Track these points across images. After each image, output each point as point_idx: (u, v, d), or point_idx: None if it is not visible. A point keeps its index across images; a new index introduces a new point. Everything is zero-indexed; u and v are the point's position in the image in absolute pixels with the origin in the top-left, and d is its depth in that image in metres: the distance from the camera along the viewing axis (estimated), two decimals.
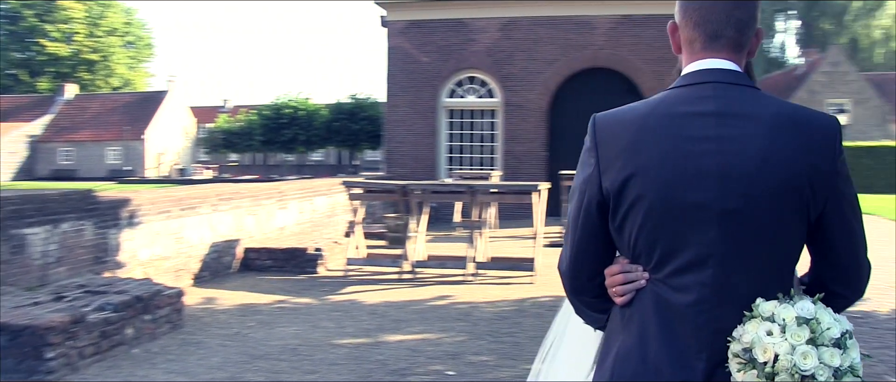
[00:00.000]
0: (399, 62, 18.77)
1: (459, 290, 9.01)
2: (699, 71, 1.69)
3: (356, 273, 10.05)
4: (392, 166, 18.80)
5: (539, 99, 18.38)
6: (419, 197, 10.02)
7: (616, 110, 1.75)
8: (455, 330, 7.00)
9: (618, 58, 17.99)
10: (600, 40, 18.01)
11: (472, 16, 18.39)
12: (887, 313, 7.87)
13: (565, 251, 1.78)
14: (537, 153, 18.40)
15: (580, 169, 1.74)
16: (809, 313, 1.47)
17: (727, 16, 1.68)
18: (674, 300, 1.59)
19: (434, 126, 18.81)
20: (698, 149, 1.59)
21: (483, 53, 18.50)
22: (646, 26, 17.74)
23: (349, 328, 7.07)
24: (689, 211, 1.58)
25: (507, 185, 11.92)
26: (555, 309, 7.67)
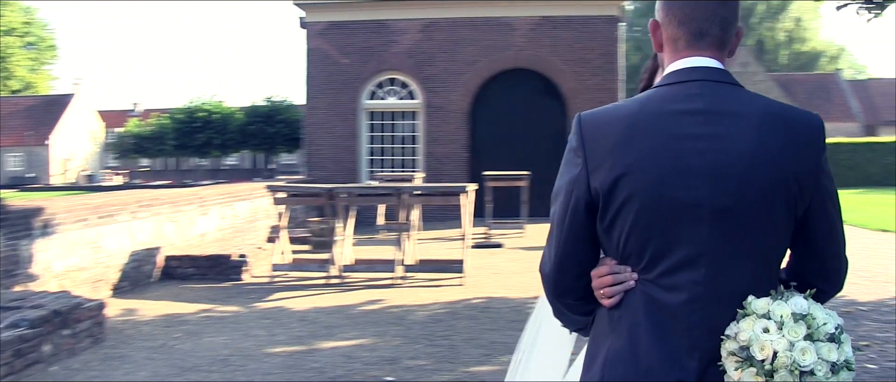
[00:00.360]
0: (319, 64, 18.51)
1: (389, 293, 8.91)
2: (686, 69, 1.67)
3: (282, 279, 9.84)
4: (312, 170, 18.53)
5: (460, 100, 18.40)
6: (346, 200, 9.87)
7: (602, 109, 1.72)
8: (389, 335, 6.90)
9: (538, 59, 18.15)
10: (521, 41, 18.14)
11: (392, 17, 18.29)
12: None
13: (549, 253, 1.74)
14: (459, 155, 18.42)
15: (565, 169, 1.70)
16: (803, 309, 1.47)
17: (712, 14, 1.67)
18: (665, 299, 1.57)
19: (355, 128, 18.62)
20: (690, 147, 1.57)
21: (404, 54, 18.41)
22: (565, 28, 17.98)
23: (281, 336, 6.90)
24: (681, 210, 1.56)
25: (435, 187, 11.88)
26: (487, 311, 7.73)
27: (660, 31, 1.76)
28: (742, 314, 1.50)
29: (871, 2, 9.75)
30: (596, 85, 18.01)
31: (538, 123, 18.41)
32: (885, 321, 7.27)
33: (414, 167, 18.54)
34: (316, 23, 18.46)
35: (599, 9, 17.98)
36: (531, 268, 10.75)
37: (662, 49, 1.76)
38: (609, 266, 1.66)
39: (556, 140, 18.20)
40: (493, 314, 7.72)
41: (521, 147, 18.04)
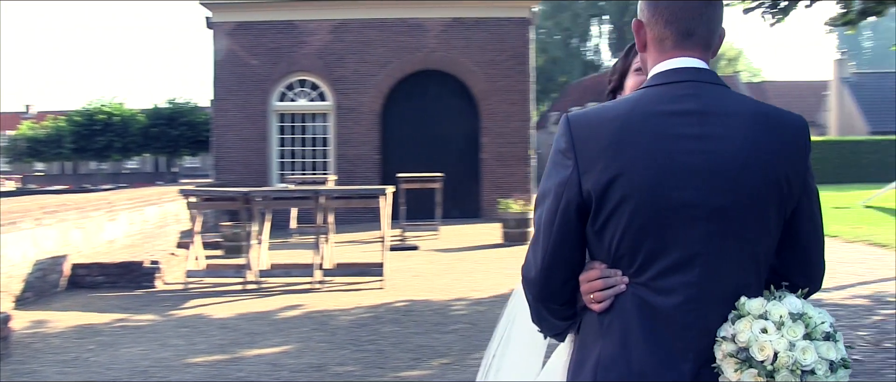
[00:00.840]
0: (227, 65, 18.10)
1: (309, 298, 8.79)
2: (674, 69, 1.67)
3: (197, 286, 9.57)
4: (221, 173, 18.10)
5: (371, 102, 18.31)
6: (262, 204, 9.68)
7: (591, 110, 1.69)
8: (314, 340, 6.80)
9: (449, 60, 18.23)
10: (432, 43, 18.19)
11: (301, 18, 18.05)
12: None
13: (534, 257, 1.70)
14: (370, 157, 18.33)
15: (553, 171, 1.66)
16: (799, 308, 1.50)
17: (699, 14, 1.67)
18: (658, 302, 1.56)
19: (264, 131, 18.30)
20: (684, 147, 1.57)
21: (314, 55, 18.20)
22: (476, 29, 18.12)
23: (201, 345, 6.71)
24: (676, 211, 1.56)
25: (353, 189, 11.77)
26: (411, 315, 7.70)
27: (644, 30, 1.74)
28: (736, 316, 1.51)
29: (776, 6, 10.15)
30: (507, 87, 18.24)
31: (450, 124, 18.51)
32: None
33: (325, 170, 18.35)
34: (223, 23, 18.05)
35: (510, 11, 18.20)
36: (450, 270, 10.82)
37: (646, 49, 1.76)
38: (599, 270, 1.64)
39: (468, 141, 18.38)
40: (416, 318, 7.69)
41: (433, 149, 18.11)
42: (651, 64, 1.73)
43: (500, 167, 18.38)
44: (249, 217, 9.82)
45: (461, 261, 11.79)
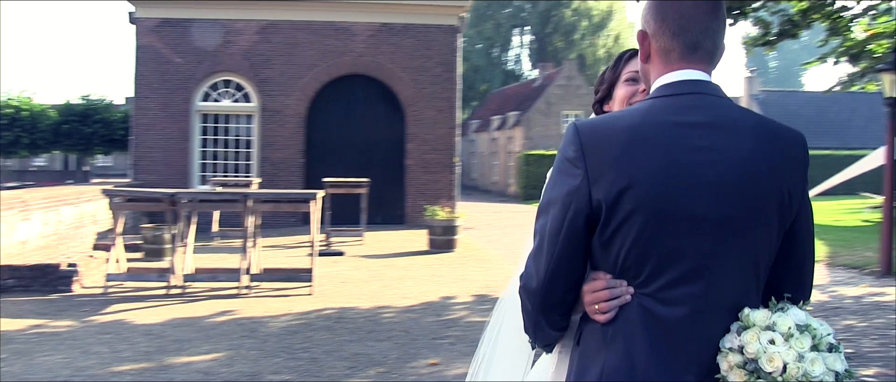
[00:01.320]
0: (149, 62, 17.59)
1: (236, 304, 8.59)
2: (681, 81, 1.68)
3: (118, 290, 9.24)
4: (140, 173, 17.56)
5: (297, 105, 18.08)
6: (188, 206, 9.42)
7: (599, 119, 1.69)
8: (245, 348, 6.63)
9: (377, 65, 18.16)
10: (360, 47, 18.08)
11: (229, 17, 17.70)
12: None
13: (536, 267, 1.67)
14: (295, 160, 18.10)
15: (560, 180, 1.64)
16: (803, 320, 1.51)
17: (705, 28, 1.69)
18: (664, 313, 1.56)
19: (187, 131, 17.85)
20: (694, 159, 1.57)
21: (240, 55, 17.87)
22: (404, 35, 18.11)
23: (126, 353, 6.46)
24: (685, 222, 1.56)
25: (283, 193, 11.60)
26: (342, 322, 7.59)
27: (649, 41, 1.74)
28: (742, 327, 1.52)
29: None
30: (434, 93, 18.27)
31: (375, 129, 18.43)
32: None
33: (248, 172, 18.03)
34: (147, 19, 17.55)
35: (439, 18, 18.25)
36: (377, 277, 10.74)
37: (648, 60, 1.75)
38: (605, 281, 1.62)
39: (394, 147, 18.32)
40: (349, 325, 7.60)
41: (358, 154, 18.01)
42: (655, 75, 1.73)
43: (424, 174, 18.39)
44: (174, 219, 9.54)
45: (388, 268, 11.72)
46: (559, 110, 41.30)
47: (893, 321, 8.06)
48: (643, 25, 1.75)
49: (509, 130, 42.50)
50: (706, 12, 1.69)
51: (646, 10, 1.75)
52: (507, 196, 39.07)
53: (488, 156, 46.13)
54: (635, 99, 2.05)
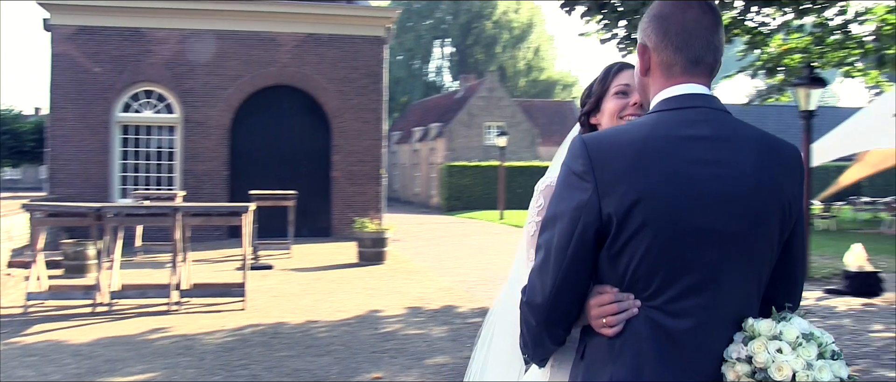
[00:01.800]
0: (66, 72, 16.96)
1: (168, 321, 8.36)
2: (685, 95, 1.70)
3: (40, 309, 8.89)
4: (57, 187, 16.91)
5: (221, 116, 17.75)
6: (115, 220, 9.14)
7: (606, 133, 1.70)
8: (181, 366, 6.47)
9: (302, 76, 17.99)
10: (285, 58, 17.89)
11: (150, 25, 17.25)
12: None
13: (542, 281, 1.67)
14: (219, 172, 17.76)
15: (567, 193, 1.64)
16: (807, 329, 1.57)
17: (707, 42, 1.72)
18: (672, 325, 1.57)
19: (106, 142, 17.29)
20: (702, 172, 1.59)
21: (161, 65, 17.43)
22: (330, 45, 18.01)
23: (54, 375, 6.22)
24: (694, 235, 1.57)
25: (214, 206, 11.33)
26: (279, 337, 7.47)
27: (649, 54, 1.76)
28: (747, 337, 1.56)
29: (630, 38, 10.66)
30: (360, 104, 18.21)
31: (301, 141, 18.26)
32: None
33: (170, 185, 17.60)
34: (63, 26, 16.95)
35: (365, 29, 18.21)
36: (309, 290, 10.63)
37: (648, 73, 1.78)
38: (612, 294, 1.62)
39: (319, 159, 18.19)
40: (285, 340, 7.49)
41: (283, 165, 17.82)
42: (656, 88, 1.75)
43: (350, 186, 18.29)
44: (99, 234, 9.25)
45: (319, 281, 11.61)
46: (481, 122, 41.65)
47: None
48: (643, 39, 1.77)
49: (431, 141, 42.61)
50: (707, 27, 1.72)
51: (647, 24, 1.77)
52: (429, 207, 39.12)
53: (410, 167, 46.15)
54: (626, 112, 2.07)
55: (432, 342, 7.53)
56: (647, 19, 1.77)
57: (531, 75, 58.69)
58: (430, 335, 7.85)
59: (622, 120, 2.05)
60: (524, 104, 46.91)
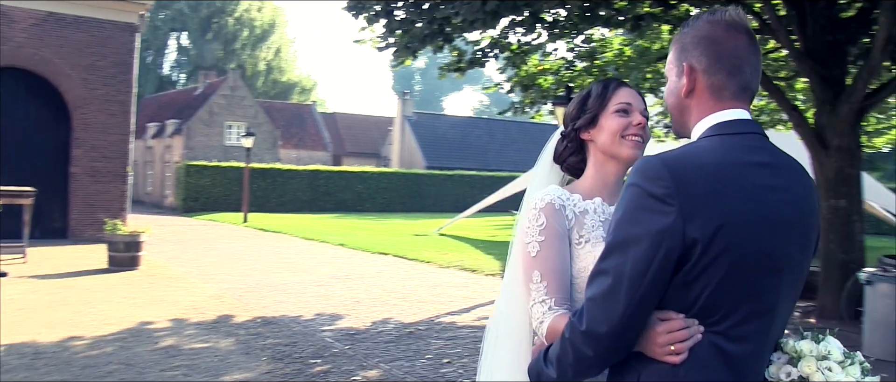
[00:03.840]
0: None
1: None
2: (739, 121, 1.70)
3: None
4: None
5: None
6: None
7: (681, 154, 1.63)
8: None
9: (41, 59, 16.18)
10: (20, 36, 15.96)
11: None
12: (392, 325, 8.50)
13: (608, 310, 1.57)
14: None
15: (643, 217, 1.57)
16: (841, 347, 1.64)
17: (755, 69, 1.73)
18: (732, 351, 1.57)
19: None
20: (772, 199, 1.60)
21: None
22: (75, 28, 16.39)
23: None
24: (763, 261, 1.58)
25: None
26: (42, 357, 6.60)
27: (697, 76, 1.73)
28: (794, 358, 1.61)
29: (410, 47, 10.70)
30: (107, 95, 16.77)
31: (36, 132, 16.46)
32: (446, 338, 7.99)
33: None
34: None
35: (117, 14, 16.77)
36: (62, 301, 9.57)
37: (691, 95, 1.75)
38: (681, 320, 1.58)
39: (56, 153, 16.50)
40: (51, 360, 6.59)
41: (12, 159, 15.86)
42: (703, 111, 1.74)
43: (93, 184, 16.77)
44: None
45: (71, 290, 10.42)
46: (222, 121, 40.20)
47: None
48: (689, 59, 1.74)
49: (167, 138, 40.42)
50: (754, 54, 1.74)
51: (693, 45, 1.74)
52: (163, 208, 37.07)
53: (143, 165, 43.41)
54: (629, 132, 2.05)
55: (223, 356, 7.01)
56: (694, 40, 1.75)
57: (271, 76, 57.70)
58: (219, 348, 7.31)
59: (625, 139, 2.05)
60: (265, 105, 46.03)
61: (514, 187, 23.59)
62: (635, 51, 12.09)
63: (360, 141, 53.56)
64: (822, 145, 8.10)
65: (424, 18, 10.02)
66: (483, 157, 47.36)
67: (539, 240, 1.96)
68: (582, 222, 2.00)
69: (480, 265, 15.01)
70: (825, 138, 8.00)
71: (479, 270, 14.29)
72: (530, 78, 13.78)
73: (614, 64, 12.64)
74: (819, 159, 8.23)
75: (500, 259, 16.14)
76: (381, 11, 10.41)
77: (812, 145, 8.26)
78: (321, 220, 28.67)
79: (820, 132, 8.14)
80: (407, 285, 12.07)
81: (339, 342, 7.72)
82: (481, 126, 51.79)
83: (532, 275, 1.95)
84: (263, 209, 32.46)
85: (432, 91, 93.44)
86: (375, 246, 18.17)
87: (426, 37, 10.42)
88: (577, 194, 2.06)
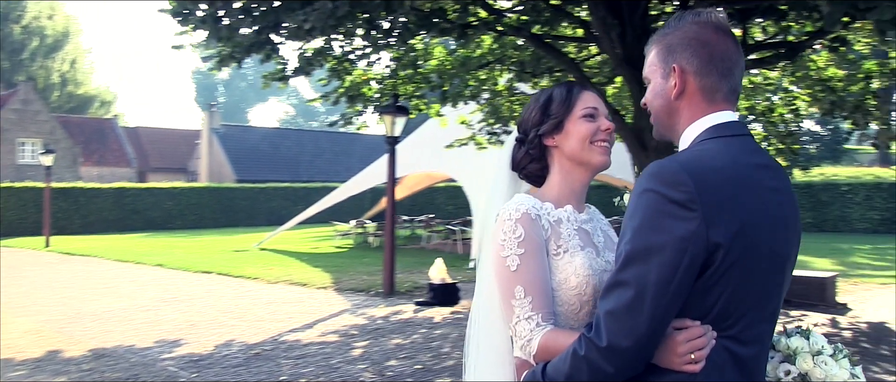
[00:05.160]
0: None
1: None
2: (734, 123, 1.71)
3: None
4: None
5: None
6: None
7: (695, 157, 1.62)
8: None
9: None
10: None
11: None
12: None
13: (633, 322, 1.52)
14: None
15: (664, 223, 1.53)
16: (826, 341, 1.74)
17: (742, 72, 1.75)
18: (743, 353, 1.57)
19: None
20: (773, 200, 1.62)
21: None
22: None
23: None
24: (773, 262, 1.60)
25: None
26: None
27: (688, 77, 1.72)
28: (789, 356, 1.68)
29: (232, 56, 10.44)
30: None
31: None
32: (296, 358, 7.90)
33: None
34: None
35: None
36: None
37: (681, 96, 1.73)
38: (700, 328, 1.55)
39: None
40: None
41: None
42: (695, 113, 1.73)
43: None
44: None
45: None
46: (14, 138, 37.29)
47: (426, 334, 9.11)
48: (678, 61, 1.73)
49: None
50: (741, 57, 1.76)
51: (683, 46, 1.73)
52: None
53: None
54: (598, 138, 1.99)
55: None
56: (683, 41, 1.73)
57: (67, 89, 53.94)
58: None
59: (595, 145, 1.98)
60: (62, 120, 43.06)
61: (333, 198, 23.52)
62: (456, 59, 12.43)
63: (165, 156, 51.27)
64: (641, 146, 8.69)
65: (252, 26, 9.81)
66: (294, 168, 46.76)
67: (519, 253, 1.85)
68: (558, 232, 1.90)
69: (310, 278, 14.89)
70: (644, 139, 8.60)
71: (309, 283, 14.17)
72: (356, 88, 13.82)
73: (437, 72, 12.91)
74: (639, 160, 8.82)
75: (329, 271, 16.06)
76: (206, 17, 10.09)
77: (632, 146, 8.84)
78: (131, 240, 27.25)
79: (639, 134, 8.71)
80: (240, 303, 11.80)
81: (184, 370, 7.45)
82: (291, 137, 51.18)
83: (514, 291, 1.83)
84: (66, 232, 30.33)
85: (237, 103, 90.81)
86: (197, 265, 17.55)
87: (252, 45, 10.21)
88: (548, 203, 1.96)
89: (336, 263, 18.12)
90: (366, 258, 18.99)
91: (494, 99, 13.52)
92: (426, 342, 8.71)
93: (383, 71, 13.95)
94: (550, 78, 12.60)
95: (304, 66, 12.18)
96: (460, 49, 12.73)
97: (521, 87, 13.68)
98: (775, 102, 13.57)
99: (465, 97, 13.13)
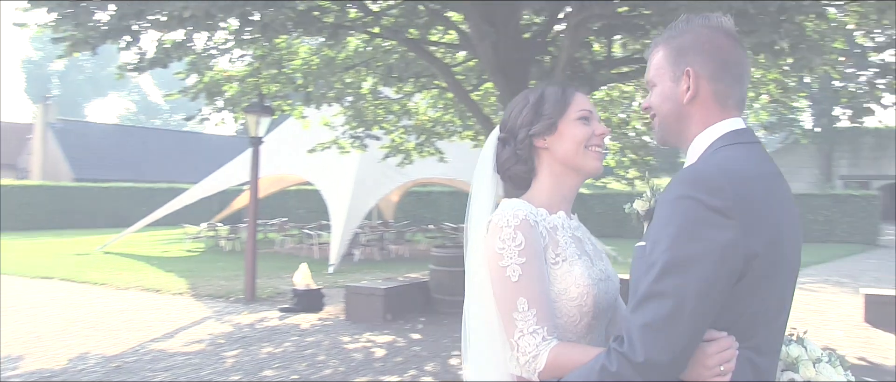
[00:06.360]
0: None
1: None
2: (747, 130, 1.67)
3: None
4: None
5: None
6: None
7: (727, 163, 1.55)
8: None
9: None
10: None
11: None
12: None
13: (673, 335, 1.44)
14: None
15: (703, 232, 1.46)
16: (819, 348, 1.74)
17: (749, 80, 1.74)
18: (761, 364, 1.55)
19: None
20: (791, 209, 1.60)
21: None
22: None
23: None
24: (790, 271, 1.59)
25: None
26: None
27: (701, 82, 1.68)
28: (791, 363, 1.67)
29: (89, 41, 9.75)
30: None
31: None
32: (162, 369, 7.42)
33: None
34: None
35: None
36: None
37: (693, 101, 1.69)
38: (729, 339, 1.50)
39: None
40: None
41: None
42: (707, 118, 1.68)
43: None
44: None
45: None
46: None
47: (297, 342, 8.82)
48: (690, 64, 1.68)
49: None
50: (749, 66, 1.75)
51: (695, 50, 1.69)
52: None
53: None
54: (592, 142, 1.92)
55: None
56: (694, 45, 1.69)
57: None
58: None
59: (589, 150, 1.91)
60: None
61: (183, 199, 22.51)
62: (322, 60, 12.16)
63: None
64: None
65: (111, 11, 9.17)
66: (138, 168, 44.52)
67: (520, 262, 1.75)
68: (555, 240, 1.83)
69: (163, 284, 14.13)
70: None
71: (163, 289, 13.45)
72: (216, 84, 13.25)
73: (302, 72, 12.59)
74: None
75: (183, 276, 15.33)
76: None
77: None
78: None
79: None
80: (90, 312, 10.99)
81: None
82: (135, 135, 48.76)
83: (517, 303, 1.73)
84: None
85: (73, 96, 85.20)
86: (35, 270, 16.25)
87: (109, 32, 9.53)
88: (541, 209, 1.88)
89: (189, 267, 17.33)
90: (220, 263, 18.30)
91: (358, 102, 13.33)
92: (299, 350, 8.41)
93: (246, 69, 13.48)
94: (416, 83, 12.57)
95: (163, 58, 11.56)
96: (327, 50, 12.47)
97: (386, 91, 13.58)
98: (631, 116, 14.10)
99: (330, 99, 12.86)
